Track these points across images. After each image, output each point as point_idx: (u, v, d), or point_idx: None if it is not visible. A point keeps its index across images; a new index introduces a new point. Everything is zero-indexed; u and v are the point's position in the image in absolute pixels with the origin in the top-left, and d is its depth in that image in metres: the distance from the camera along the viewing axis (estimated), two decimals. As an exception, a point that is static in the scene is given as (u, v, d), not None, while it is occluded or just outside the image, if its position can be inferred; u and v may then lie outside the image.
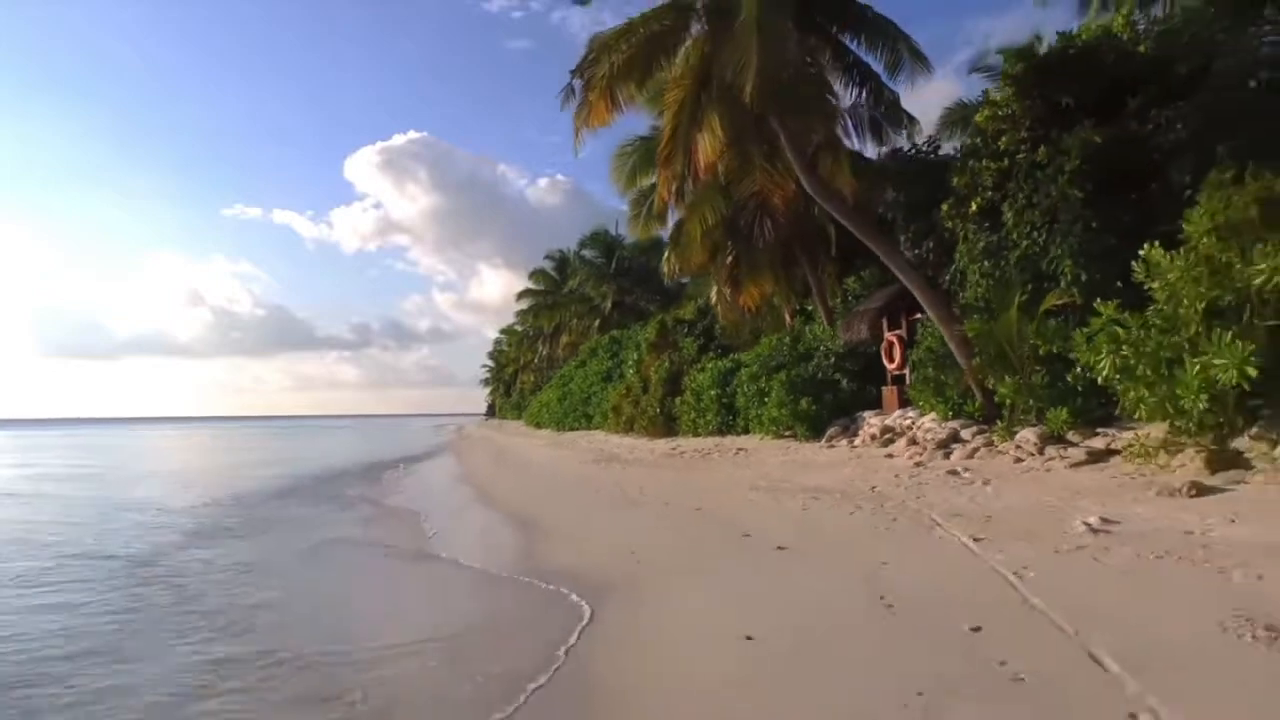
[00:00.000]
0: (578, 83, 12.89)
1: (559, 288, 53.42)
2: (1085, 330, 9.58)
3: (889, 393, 16.20)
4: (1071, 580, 5.28)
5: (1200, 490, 7.63)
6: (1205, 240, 8.34)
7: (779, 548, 7.25)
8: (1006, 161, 12.73)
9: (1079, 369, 10.17)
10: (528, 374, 65.41)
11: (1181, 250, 8.52)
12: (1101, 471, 9.40)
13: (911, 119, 14.61)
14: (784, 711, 3.83)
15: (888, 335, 16.15)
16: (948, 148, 17.40)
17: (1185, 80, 11.20)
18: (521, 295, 57.83)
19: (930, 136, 17.67)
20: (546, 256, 55.10)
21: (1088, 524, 6.79)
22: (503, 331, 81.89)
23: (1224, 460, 8.31)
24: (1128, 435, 9.68)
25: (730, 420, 20.98)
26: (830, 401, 17.41)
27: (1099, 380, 9.35)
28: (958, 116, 17.15)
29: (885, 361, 16.32)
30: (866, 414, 16.47)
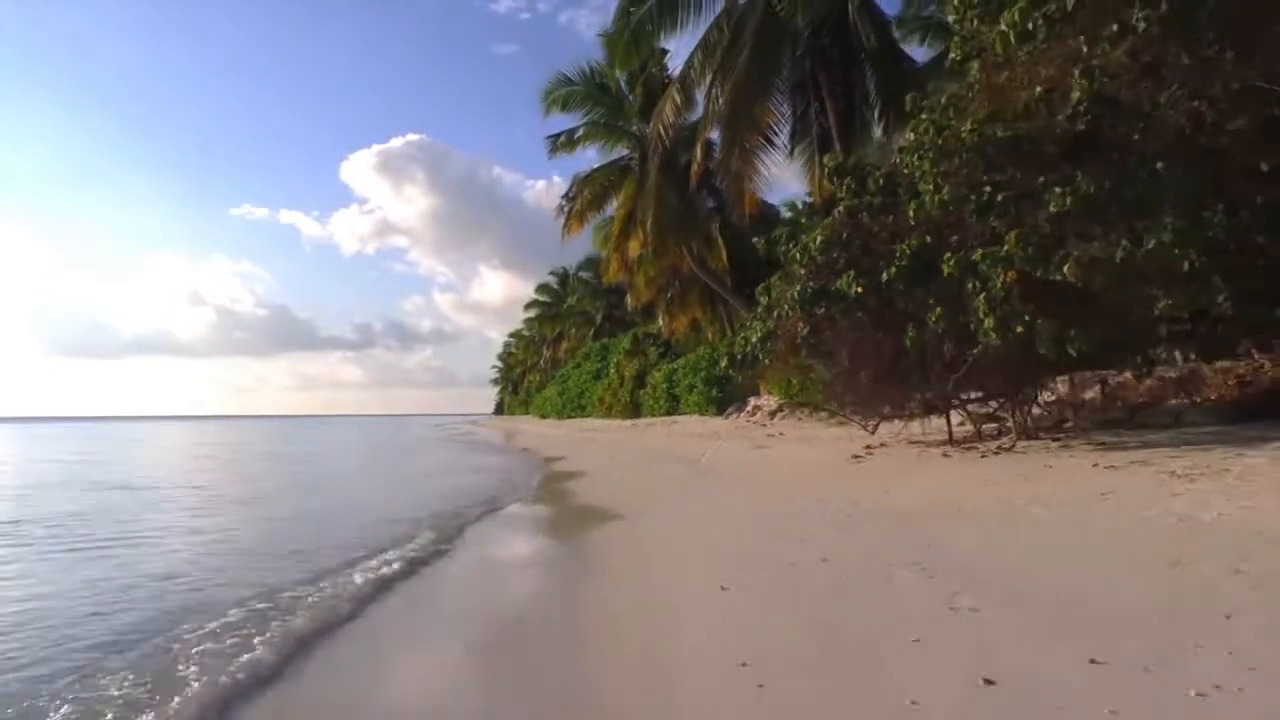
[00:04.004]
0: (566, 204, 22.75)
1: (561, 300, 63.01)
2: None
3: (763, 385, 25.89)
4: (736, 445, 14.97)
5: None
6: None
7: (644, 451, 17.01)
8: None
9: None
10: (533, 374, 75.11)
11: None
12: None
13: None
14: (595, 459, 13.60)
15: (761, 348, 25.89)
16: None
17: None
18: (529, 306, 67.79)
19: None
20: (551, 273, 64.84)
21: (769, 435, 16.46)
22: (511, 335, 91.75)
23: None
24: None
25: (674, 405, 30.70)
26: (733, 390, 27.12)
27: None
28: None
29: (760, 365, 26.05)
30: (752, 398, 26.15)
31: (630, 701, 3.02)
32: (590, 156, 23.81)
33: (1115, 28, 6.05)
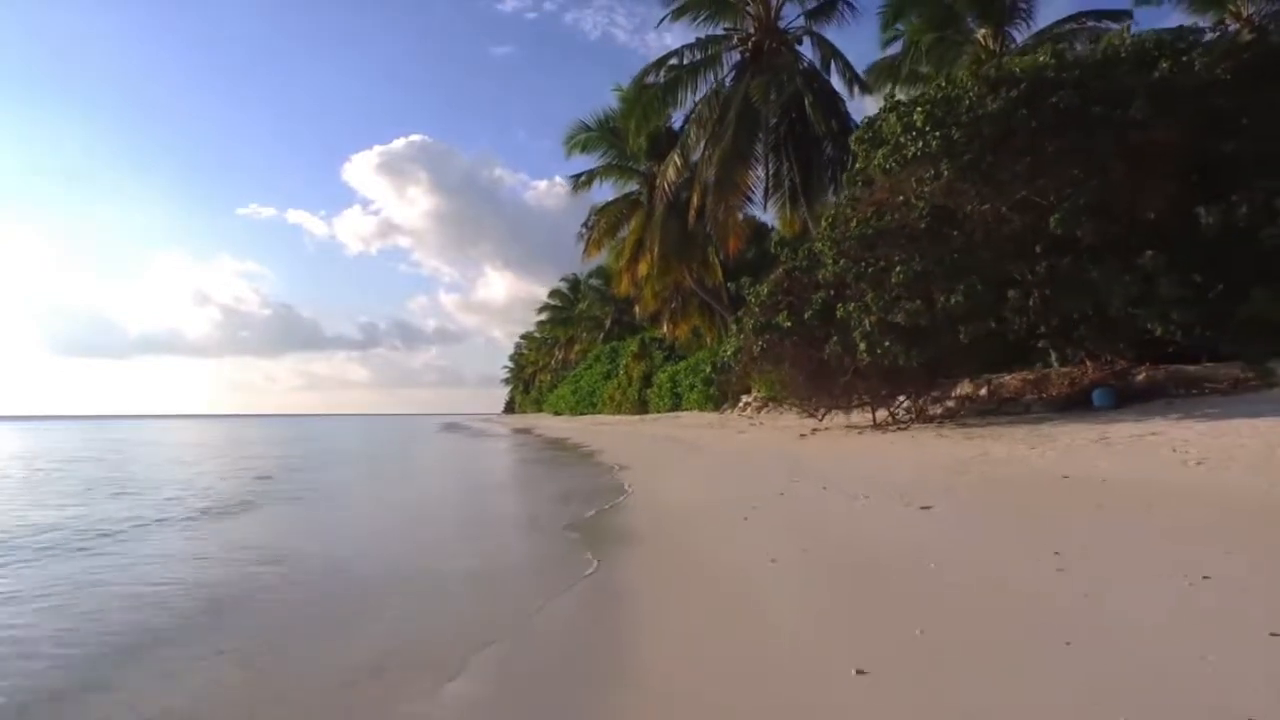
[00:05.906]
0: (585, 232, 27.09)
1: (572, 305, 67.25)
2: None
3: (753, 384, 30.08)
4: (723, 431, 19.15)
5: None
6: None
7: (652, 436, 21.21)
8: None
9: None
10: (544, 374, 79.42)
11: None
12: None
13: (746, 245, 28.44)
14: (610, 442, 17.85)
15: (751, 353, 30.12)
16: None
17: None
18: (541, 309, 72.31)
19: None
20: (562, 279, 69.19)
21: (751, 424, 20.65)
22: (522, 337, 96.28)
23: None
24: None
25: (677, 402, 34.91)
26: (728, 388, 31.29)
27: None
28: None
29: (751, 367, 30.27)
30: (744, 396, 30.33)
31: (642, 503, 7.27)
32: (605, 189, 28.15)
33: (934, 172, 10.19)
